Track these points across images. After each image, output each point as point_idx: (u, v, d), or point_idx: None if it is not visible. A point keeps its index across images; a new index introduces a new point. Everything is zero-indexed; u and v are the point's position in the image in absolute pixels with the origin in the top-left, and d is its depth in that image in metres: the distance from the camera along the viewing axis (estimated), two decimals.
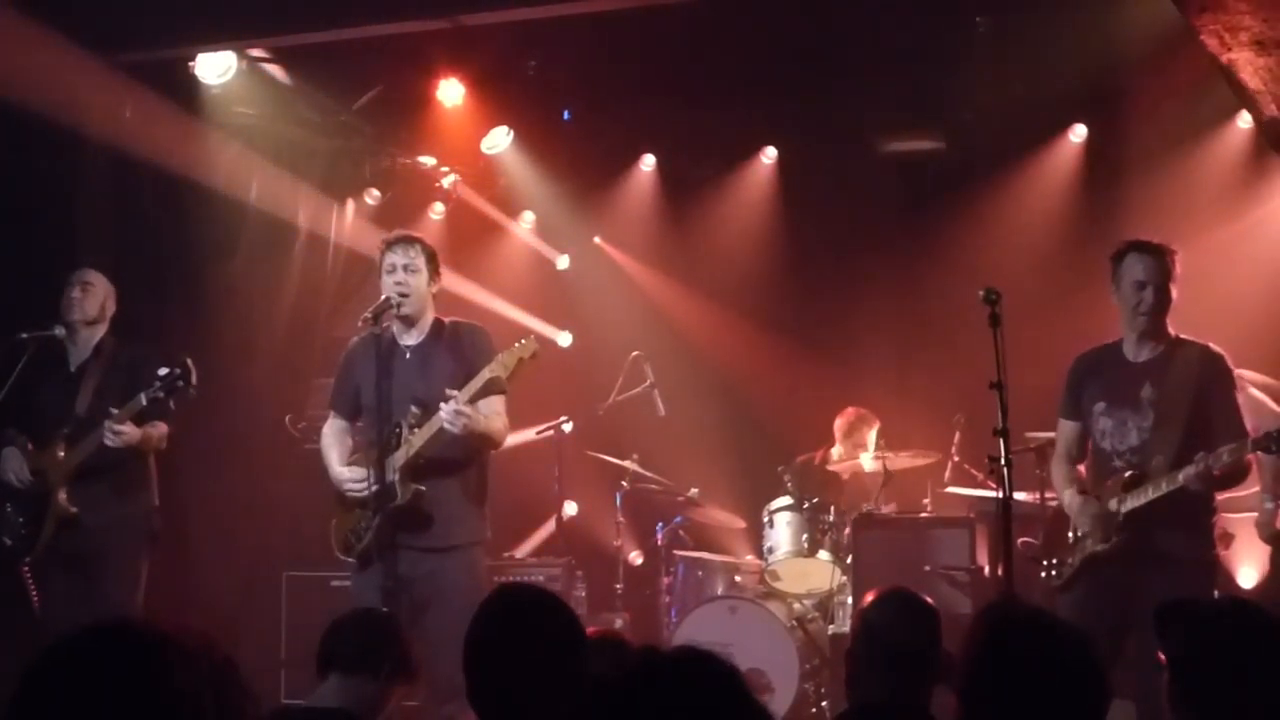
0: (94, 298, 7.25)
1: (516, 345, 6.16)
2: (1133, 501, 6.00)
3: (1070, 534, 6.22)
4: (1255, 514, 7.49)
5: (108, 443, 6.77)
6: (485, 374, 6.12)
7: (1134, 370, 6.17)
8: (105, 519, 6.98)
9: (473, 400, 6.13)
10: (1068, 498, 6.30)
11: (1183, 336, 6.17)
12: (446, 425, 6.04)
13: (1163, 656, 3.37)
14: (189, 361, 6.73)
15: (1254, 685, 3.25)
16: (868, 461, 8.75)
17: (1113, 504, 6.05)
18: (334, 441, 6.58)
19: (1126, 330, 6.18)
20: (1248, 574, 7.74)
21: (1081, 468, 6.36)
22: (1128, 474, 6.02)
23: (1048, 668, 3.17)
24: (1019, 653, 3.21)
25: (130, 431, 6.82)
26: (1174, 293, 6.12)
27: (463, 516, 6.34)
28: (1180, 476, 5.83)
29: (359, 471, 6.31)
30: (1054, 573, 6.26)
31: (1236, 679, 3.24)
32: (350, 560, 6.41)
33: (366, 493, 6.19)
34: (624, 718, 2.01)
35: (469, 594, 5.74)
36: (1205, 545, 6.04)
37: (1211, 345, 6.14)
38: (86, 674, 2.16)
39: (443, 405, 6.04)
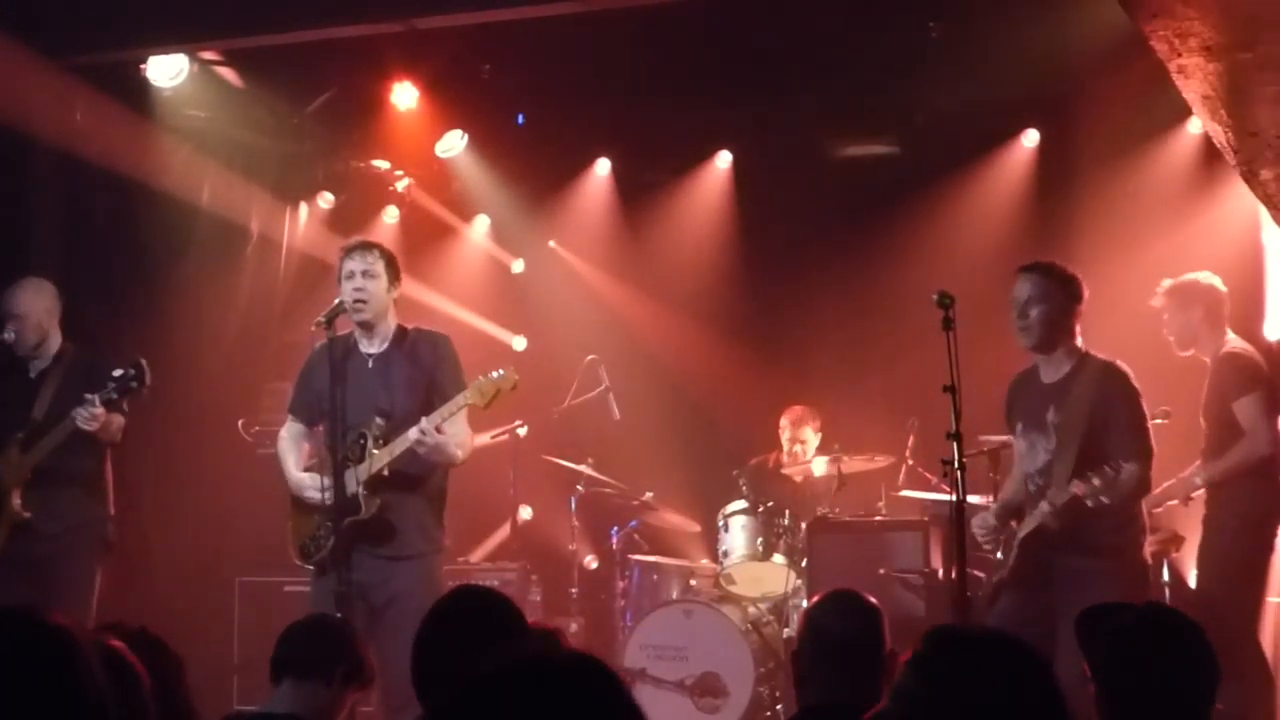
0: (29, 328, 7.15)
1: (496, 375, 6.09)
2: (1025, 528, 6.15)
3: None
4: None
5: (80, 425, 6.72)
6: (461, 399, 6.08)
7: (1043, 392, 6.31)
8: (60, 525, 6.95)
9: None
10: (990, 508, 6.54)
11: (1091, 354, 6.26)
12: (415, 447, 6.03)
13: (1086, 667, 3.40)
14: (143, 362, 6.72)
15: (1175, 690, 3.28)
16: (821, 465, 8.77)
17: (1017, 533, 6.23)
18: (291, 445, 6.53)
19: None
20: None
21: None
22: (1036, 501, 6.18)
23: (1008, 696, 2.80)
24: (972, 680, 2.83)
25: (102, 414, 6.76)
26: (1073, 310, 6.24)
27: (423, 527, 6.33)
28: (1040, 515, 6.01)
29: (318, 478, 6.28)
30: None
31: (1158, 685, 3.28)
32: (307, 567, 6.38)
33: (326, 500, 6.17)
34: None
35: (425, 600, 5.76)
36: (1101, 556, 6.07)
37: (1116, 362, 6.23)
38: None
39: (414, 429, 6.03)
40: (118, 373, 6.69)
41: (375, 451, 6.13)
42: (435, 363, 6.33)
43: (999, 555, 6.37)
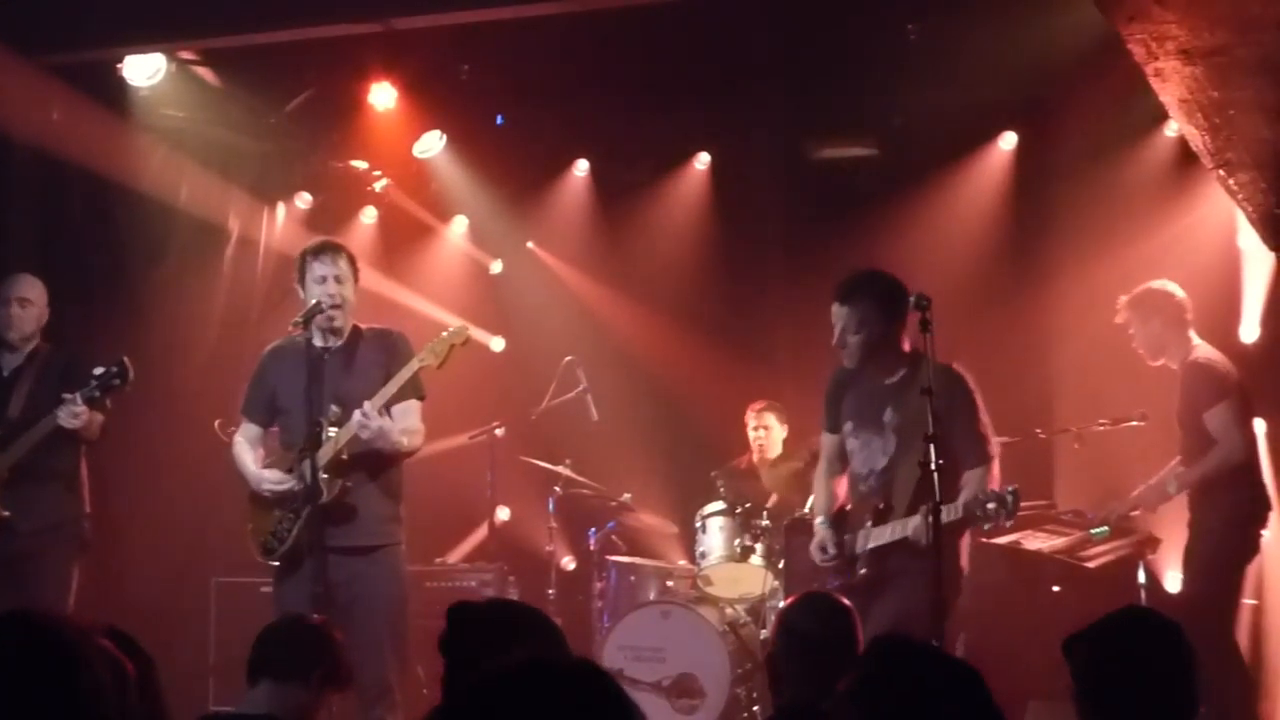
0: (32, 314, 7.18)
1: (445, 333, 6.23)
2: (875, 540, 6.11)
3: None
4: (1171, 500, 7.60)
5: (62, 423, 6.71)
6: (414, 363, 6.20)
7: (879, 392, 6.25)
8: (37, 524, 6.93)
9: (393, 401, 6.22)
10: (817, 525, 6.46)
11: (925, 356, 5.90)
12: (358, 432, 6.05)
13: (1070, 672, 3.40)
14: (126, 360, 6.74)
15: (1159, 694, 3.28)
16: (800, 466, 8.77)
17: (860, 537, 6.18)
18: (247, 447, 6.57)
19: None
20: (1175, 579, 7.80)
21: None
22: (879, 506, 6.14)
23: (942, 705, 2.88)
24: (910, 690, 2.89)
25: (85, 412, 6.74)
26: (895, 328, 6.16)
27: (383, 515, 6.38)
28: (910, 528, 5.93)
29: (277, 471, 6.31)
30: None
31: (1142, 689, 3.28)
32: (272, 564, 6.39)
33: (289, 490, 6.19)
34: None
35: (392, 597, 6.04)
36: (924, 556, 5.83)
37: (954, 365, 6.16)
38: None
39: (356, 413, 6.05)
40: (99, 370, 6.70)
41: (332, 434, 6.15)
42: (390, 356, 6.40)
43: (825, 555, 6.33)
